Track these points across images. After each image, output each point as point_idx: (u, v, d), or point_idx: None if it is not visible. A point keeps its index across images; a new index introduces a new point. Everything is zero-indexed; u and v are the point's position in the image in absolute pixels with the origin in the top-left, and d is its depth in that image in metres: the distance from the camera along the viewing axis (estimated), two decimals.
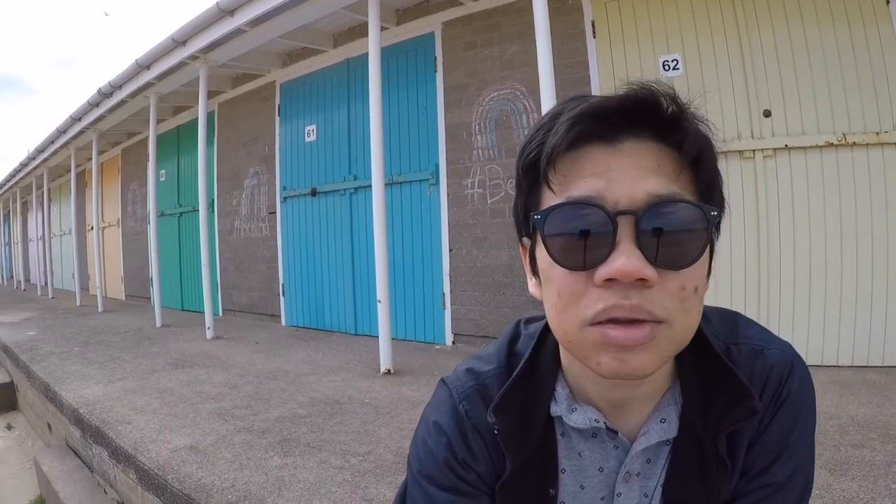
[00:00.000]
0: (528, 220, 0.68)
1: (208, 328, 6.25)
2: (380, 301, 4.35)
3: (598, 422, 0.73)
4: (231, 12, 5.32)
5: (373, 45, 4.40)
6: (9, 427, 5.80)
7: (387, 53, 5.19)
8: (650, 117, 0.62)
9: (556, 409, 0.76)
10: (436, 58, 5.34)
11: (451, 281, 5.25)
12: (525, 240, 0.72)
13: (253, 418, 3.39)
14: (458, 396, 0.80)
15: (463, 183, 5.12)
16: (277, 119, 7.10)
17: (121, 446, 3.08)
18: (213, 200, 8.05)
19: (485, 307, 5.00)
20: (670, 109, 0.63)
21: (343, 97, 6.25)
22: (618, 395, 0.72)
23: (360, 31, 5.32)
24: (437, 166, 5.31)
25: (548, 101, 3.37)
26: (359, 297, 6.15)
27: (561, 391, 0.76)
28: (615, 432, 0.74)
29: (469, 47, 5.10)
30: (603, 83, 4.30)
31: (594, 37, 4.37)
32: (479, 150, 5.01)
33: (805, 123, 3.77)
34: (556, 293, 0.64)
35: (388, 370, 4.31)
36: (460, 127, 5.13)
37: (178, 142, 9.26)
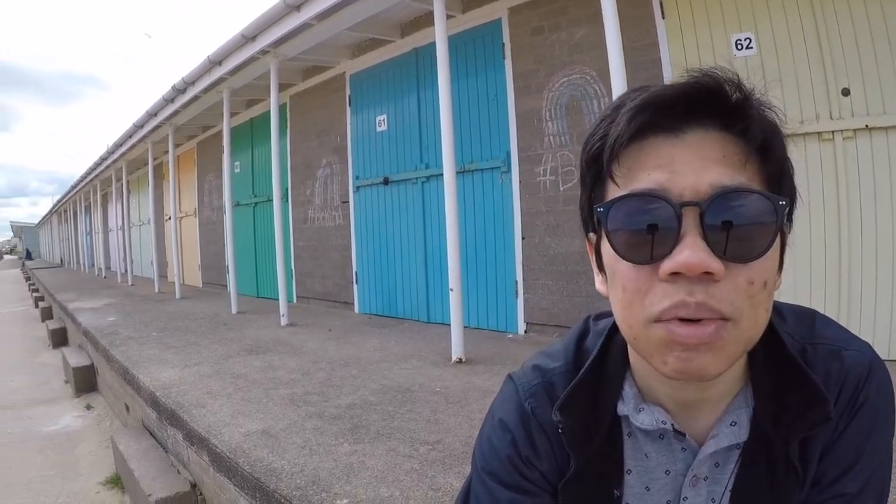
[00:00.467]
0: (592, 214, 0.68)
1: (282, 315, 6.58)
2: (452, 289, 4.48)
3: (666, 423, 0.73)
4: (298, 7, 5.56)
5: (439, 34, 4.51)
6: (88, 407, 6.30)
7: (454, 41, 5.32)
8: (714, 105, 0.62)
9: (622, 409, 0.76)
10: (503, 44, 5.41)
11: (523, 269, 5.34)
12: (591, 235, 0.72)
13: (324, 405, 3.54)
14: (524, 394, 0.81)
15: (535, 170, 5.18)
16: (348, 110, 7.35)
17: (195, 429, 3.29)
18: (287, 190, 8.41)
19: (557, 296, 5.07)
20: (734, 96, 0.62)
21: (412, 86, 6.42)
22: (687, 395, 0.72)
23: (427, 19, 5.42)
24: (508, 153, 5.39)
25: (618, 86, 3.41)
26: (431, 285, 6.33)
27: (629, 390, 0.76)
28: (683, 434, 0.73)
29: (536, 32, 5.14)
30: (675, 65, 4.25)
31: (663, 18, 4.32)
32: (551, 137, 5.06)
33: (886, 102, 3.60)
34: (621, 288, 0.64)
35: (460, 359, 4.43)
36: (531, 113, 5.19)
37: (251, 134, 9.69)
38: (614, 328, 0.75)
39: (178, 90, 8.35)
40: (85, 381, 6.80)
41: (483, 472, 0.82)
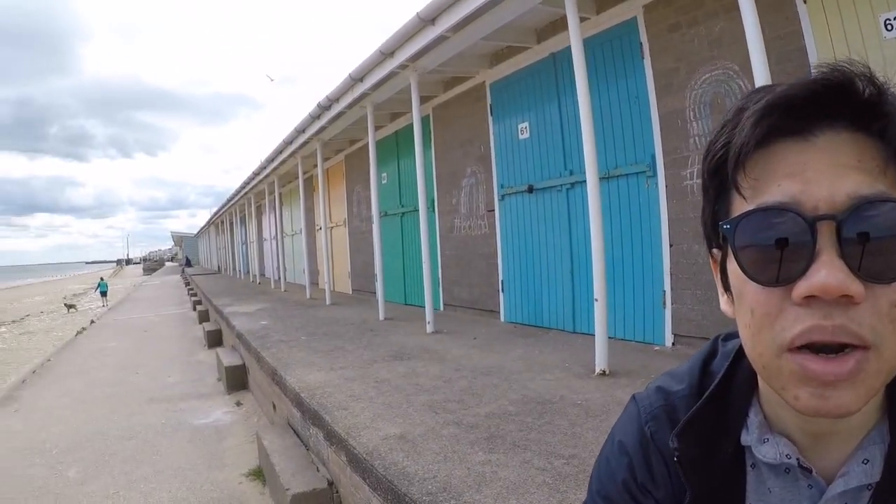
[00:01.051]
0: (717, 229, 0.64)
1: (428, 322, 6.95)
2: (596, 299, 4.54)
3: (791, 457, 0.68)
4: (432, 21, 5.89)
5: (574, 37, 4.60)
6: (238, 404, 7.02)
7: (590, 44, 5.41)
8: (845, 103, 0.58)
9: (746, 438, 0.72)
10: (641, 43, 5.40)
11: (671, 278, 5.29)
12: (715, 251, 0.69)
13: (463, 413, 3.68)
14: (644, 416, 0.79)
15: (681, 174, 5.12)
16: (490, 119, 7.64)
17: (335, 430, 3.57)
18: (433, 200, 8.86)
19: (707, 307, 4.96)
20: (867, 92, 0.58)
21: (552, 92, 6.56)
22: (817, 427, 0.67)
23: (562, 23, 5.47)
24: (653, 157, 5.37)
25: (761, 79, 3.36)
26: (578, 293, 6.41)
27: (753, 418, 0.72)
28: (809, 470, 0.68)
29: (674, 29, 5.08)
30: (821, 52, 4.02)
31: (805, 2, 4.10)
32: (696, 138, 4.99)
33: None
34: (748, 312, 0.60)
35: (603, 371, 4.47)
36: (674, 114, 5.14)
37: (397, 146, 10.30)
38: (742, 350, 0.70)
39: (324, 107, 9.03)
40: (236, 380, 7.58)
41: (598, 494, 0.82)
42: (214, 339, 11.08)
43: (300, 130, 10.88)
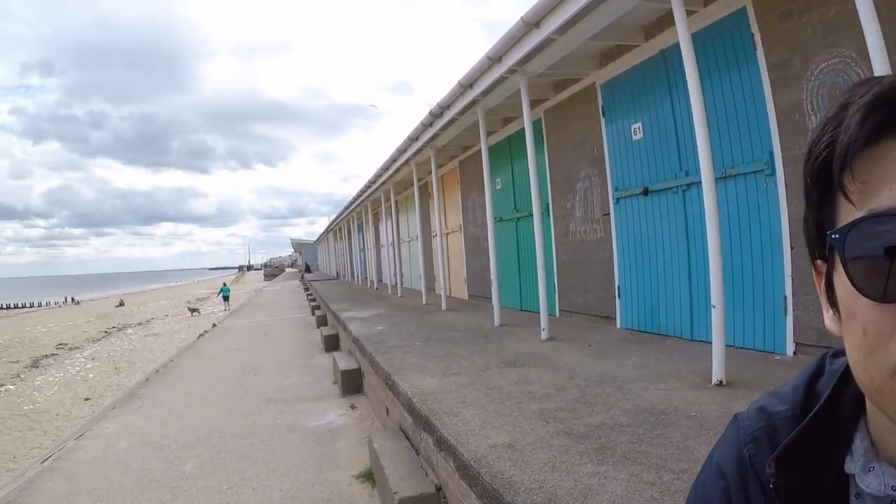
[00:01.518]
0: (822, 239, 0.60)
1: (543, 329, 7.07)
2: (714, 306, 4.51)
3: None
4: (537, 24, 6.01)
5: (682, 32, 4.59)
6: (352, 407, 7.39)
7: (700, 38, 5.36)
8: None
9: (850, 466, 0.67)
10: (752, 34, 5.27)
11: (793, 283, 5.13)
12: (819, 262, 0.64)
13: (574, 422, 3.72)
14: (744, 438, 0.75)
15: (801, 171, 4.93)
16: (602, 120, 7.68)
17: (444, 436, 3.71)
18: (547, 204, 9.00)
19: None
20: None
21: (664, 90, 6.53)
22: None
23: (669, 19, 5.37)
24: (770, 154, 5.25)
25: (880, 66, 3.26)
26: (695, 299, 6.34)
27: (859, 444, 0.67)
28: None
29: (785, 17, 4.93)
30: None
31: None
32: None
33: None
34: (860, 331, 0.56)
35: (720, 381, 4.40)
36: (791, 108, 4.99)
37: (510, 151, 10.51)
38: (849, 369, 0.64)
39: (435, 115, 9.37)
40: (351, 383, 8.01)
41: None
42: (331, 344, 11.65)
43: (413, 139, 11.26)
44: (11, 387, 17.20)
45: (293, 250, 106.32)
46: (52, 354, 24.14)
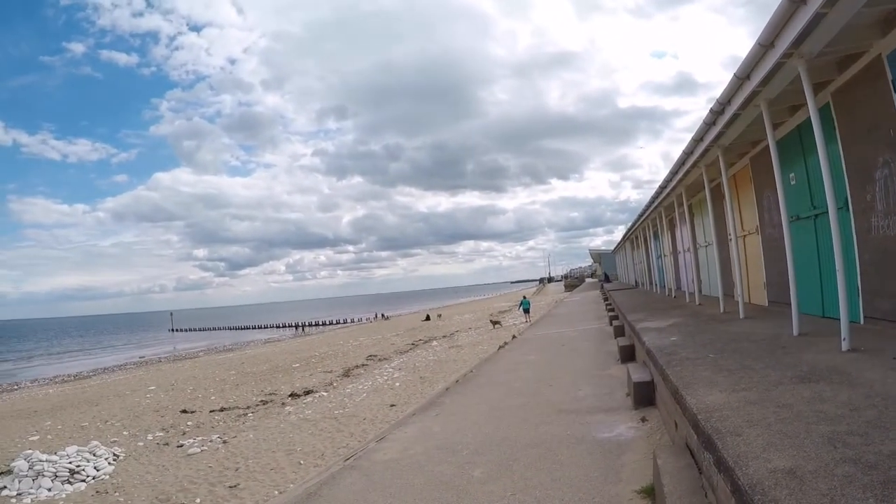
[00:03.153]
0: None
1: (843, 339, 6.33)
2: None
3: None
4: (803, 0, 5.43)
5: None
6: (643, 420, 7.14)
7: None
8: None
9: None
10: None
11: None
12: None
13: (864, 448, 3.33)
14: None
15: None
16: (894, 95, 6.67)
17: (724, 457, 3.49)
18: (845, 198, 7.98)
19: None
20: None
21: None
22: None
23: None
24: None
25: None
26: None
27: None
28: None
29: None
30: None
31: None
32: None
33: None
34: None
35: None
36: None
37: (800, 141, 9.51)
38: None
39: (716, 112, 8.85)
40: (644, 396, 7.76)
41: None
42: (627, 355, 11.50)
43: (697, 139, 10.79)
44: (325, 393, 19.74)
45: (592, 260, 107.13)
46: (363, 365, 27.26)
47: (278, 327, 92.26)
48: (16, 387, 37.51)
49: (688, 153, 11.98)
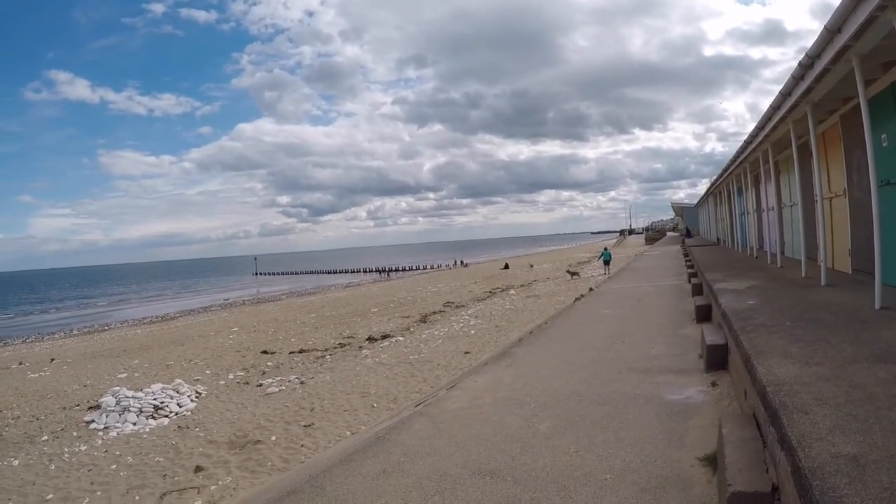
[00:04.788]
0: None
1: None
2: None
3: None
4: None
5: None
6: (713, 384, 6.89)
7: None
8: None
9: None
10: None
11: None
12: None
13: None
14: None
15: None
16: None
17: (788, 435, 3.38)
18: None
19: None
20: None
21: None
22: None
23: None
24: None
25: None
26: None
27: None
28: None
29: None
30: None
31: None
32: None
33: None
34: None
35: None
36: None
37: (894, 100, 8.75)
38: None
39: (805, 66, 8.29)
40: (716, 359, 7.49)
41: None
42: (703, 314, 11.16)
43: (785, 94, 10.15)
44: (401, 338, 20.07)
45: (674, 214, 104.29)
46: (440, 311, 27.55)
47: (360, 272, 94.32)
48: (107, 327, 39.90)
49: (775, 108, 11.31)
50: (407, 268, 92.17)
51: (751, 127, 15.33)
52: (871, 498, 2.56)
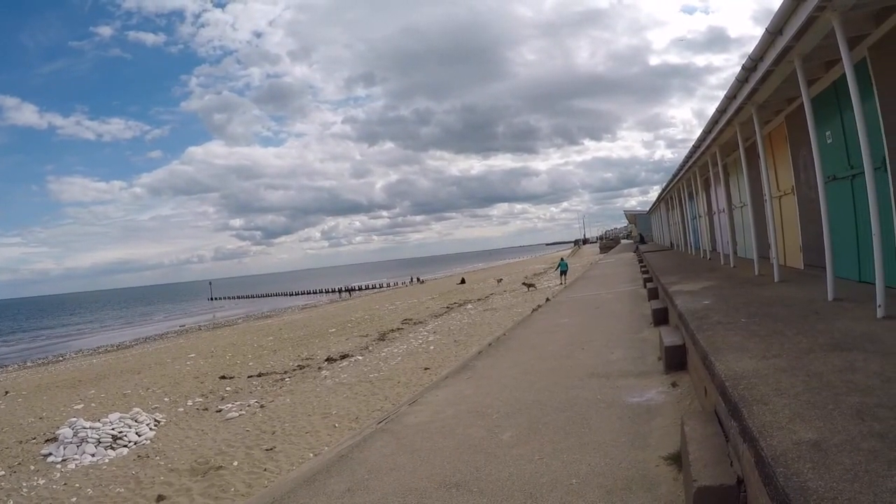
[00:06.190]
0: None
1: (879, 306, 6.08)
2: None
3: None
4: None
5: None
6: (674, 385, 6.96)
7: None
8: None
9: None
10: None
11: None
12: None
13: (893, 423, 3.18)
14: None
15: None
16: None
17: (749, 426, 3.39)
18: (883, 158, 7.59)
19: None
20: None
21: None
22: None
23: None
24: None
25: None
26: None
27: None
28: None
29: None
30: None
31: None
32: None
33: None
34: None
35: None
36: None
37: (837, 99, 9.05)
38: None
39: (748, 69, 8.49)
40: (675, 360, 7.57)
41: None
42: (660, 318, 11.29)
43: (731, 97, 10.39)
44: (360, 357, 19.88)
45: (627, 221, 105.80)
46: (398, 329, 27.40)
47: (316, 293, 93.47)
48: (61, 358, 38.68)
49: (721, 111, 11.58)
50: (363, 286, 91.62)
51: (698, 133, 15.66)
52: (835, 479, 2.59)
